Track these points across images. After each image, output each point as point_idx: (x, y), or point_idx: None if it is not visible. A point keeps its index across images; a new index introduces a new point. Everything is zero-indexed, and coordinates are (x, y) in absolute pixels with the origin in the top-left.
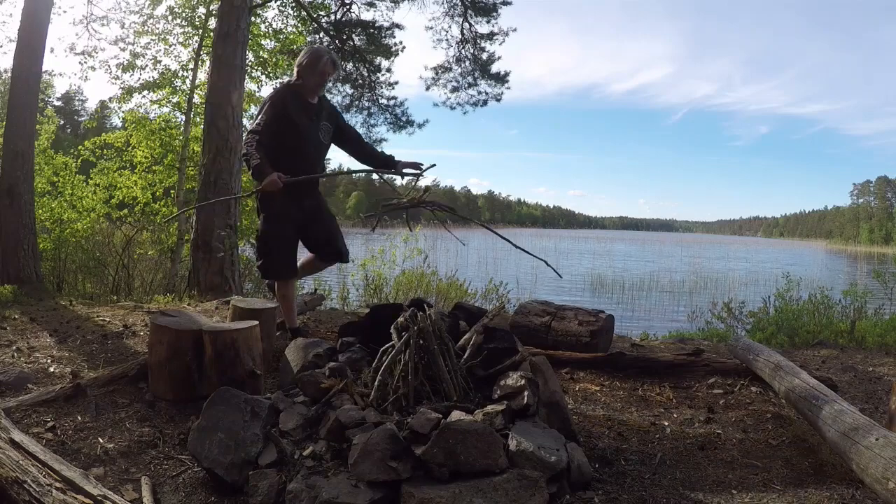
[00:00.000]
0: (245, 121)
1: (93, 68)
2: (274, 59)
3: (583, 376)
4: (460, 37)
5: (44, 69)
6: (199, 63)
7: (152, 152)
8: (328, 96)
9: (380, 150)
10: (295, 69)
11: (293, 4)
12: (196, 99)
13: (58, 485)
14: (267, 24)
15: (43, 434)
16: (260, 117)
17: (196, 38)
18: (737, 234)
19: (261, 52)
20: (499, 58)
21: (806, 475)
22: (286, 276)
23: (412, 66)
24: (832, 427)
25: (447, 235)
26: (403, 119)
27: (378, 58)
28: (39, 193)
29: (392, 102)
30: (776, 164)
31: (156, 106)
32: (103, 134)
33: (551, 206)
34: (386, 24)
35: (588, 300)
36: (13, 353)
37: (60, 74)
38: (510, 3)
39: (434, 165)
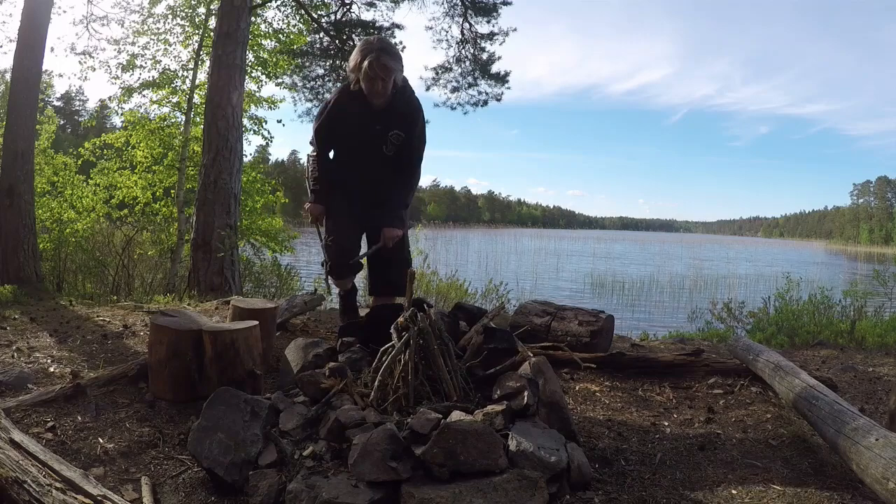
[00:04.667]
0: (245, 121)
1: (93, 68)
2: (274, 59)
3: (583, 376)
4: (460, 37)
5: (44, 69)
6: (199, 63)
7: (152, 152)
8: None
9: (399, 190)
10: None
11: (293, 4)
12: (196, 99)
13: (58, 485)
14: (267, 24)
15: (43, 434)
16: (315, 121)
17: (196, 37)
18: (737, 234)
19: (261, 52)
20: (499, 58)
21: (806, 475)
22: (334, 275)
23: (412, 67)
24: (832, 427)
25: (447, 235)
26: None
27: None
28: (39, 193)
29: None
30: (776, 164)
31: (156, 106)
32: (103, 134)
33: (551, 206)
34: (386, 25)
35: (588, 300)
36: (13, 353)
37: (60, 75)
38: (510, 3)
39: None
